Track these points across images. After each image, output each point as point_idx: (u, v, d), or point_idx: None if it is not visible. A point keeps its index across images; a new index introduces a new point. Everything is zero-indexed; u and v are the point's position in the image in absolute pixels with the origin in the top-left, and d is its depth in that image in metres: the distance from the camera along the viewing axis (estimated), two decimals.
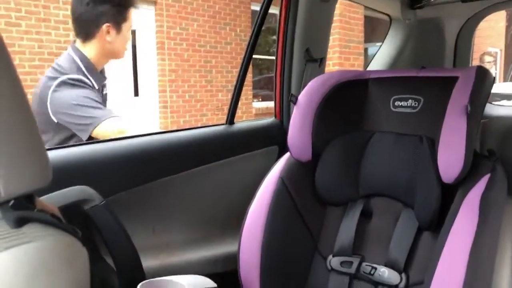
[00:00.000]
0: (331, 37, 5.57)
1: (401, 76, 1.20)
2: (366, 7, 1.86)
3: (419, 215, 1.05)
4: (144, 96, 6.40)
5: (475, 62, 7.46)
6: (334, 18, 6.21)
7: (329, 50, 5.14)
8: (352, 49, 6.78)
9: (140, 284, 0.99)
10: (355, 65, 6.70)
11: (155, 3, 6.36)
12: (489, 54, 7.62)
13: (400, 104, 1.16)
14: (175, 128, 5.66)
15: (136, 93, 6.35)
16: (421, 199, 1.04)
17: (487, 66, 6.96)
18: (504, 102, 4.83)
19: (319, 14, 1.36)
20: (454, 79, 1.05)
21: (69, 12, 1.42)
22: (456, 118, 0.94)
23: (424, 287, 0.93)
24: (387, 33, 1.76)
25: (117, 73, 5.95)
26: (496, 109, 1.71)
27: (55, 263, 0.43)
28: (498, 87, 5.33)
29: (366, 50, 7.52)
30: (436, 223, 1.01)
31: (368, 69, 1.73)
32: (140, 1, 6.06)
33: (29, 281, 0.41)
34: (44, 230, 0.45)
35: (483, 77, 1.01)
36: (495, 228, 0.93)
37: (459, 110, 0.94)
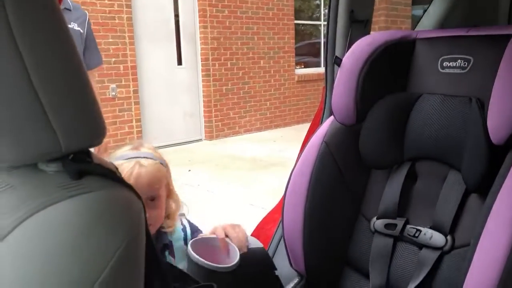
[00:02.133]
0: (377, 0, 5.37)
1: (450, 35, 1.15)
2: None
3: (467, 177, 1.03)
4: (187, 64, 6.46)
5: None
6: None
7: (375, 13, 5.00)
8: (399, 11, 6.53)
9: (191, 241, 1.03)
10: (402, 28, 6.47)
11: None
12: None
13: (448, 65, 1.12)
14: (218, 95, 5.68)
15: (180, 62, 6.41)
16: (469, 161, 1.02)
17: None
18: None
19: None
20: (507, 37, 1.00)
21: None
22: (508, 78, 0.91)
23: (469, 249, 0.92)
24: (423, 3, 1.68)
25: (159, 41, 6.02)
26: None
27: (113, 212, 0.46)
28: None
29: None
30: (485, 186, 0.99)
31: (418, 28, 1.67)
32: None
33: (89, 228, 0.44)
34: (101, 182, 0.48)
35: None
36: None
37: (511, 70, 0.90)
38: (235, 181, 4.42)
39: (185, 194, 1.28)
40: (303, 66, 8.14)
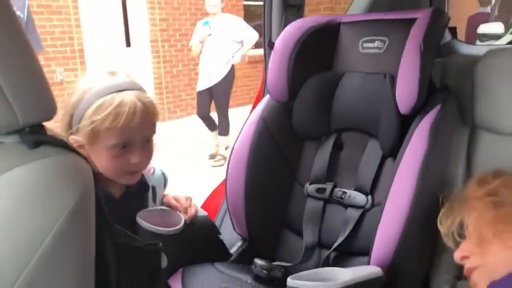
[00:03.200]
0: None
1: (369, 19, 1.30)
2: None
3: (382, 144, 1.19)
4: (136, 46, 6.40)
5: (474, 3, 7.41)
6: None
7: None
8: None
9: (139, 212, 1.13)
10: (346, 7, 6.64)
11: None
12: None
13: (367, 46, 1.26)
14: (169, 78, 5.64)
15: (128, 44, 6.34)
16: (383, 130, 1.17)
17: (482, 4, 6.94)
18: (491, 42, 4.88)
19: None
20: (414, 20, 1.15)
21: None
22: (411, 55, 1.06)
23: (382, 206, 1.08)
24: None
25: (106, 23, 5.93)
26: (467, 47, 1.81)
27: (66, 173, 0.56)
28: (488, 27, 5.31)
29: None
30: (397, 151, 1.14)
31: (348, 13, 1.80)
32: None
33: (46, 186, 0.54)
34: (56, 149, 0.58)
35: (437, 18, 1.11)
36: (443, 149, 1.07)
37: (414, 49, 1.05)
38: (190, 167, 4.50)
39: None
40: (254, 47, 8.23)
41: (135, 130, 0.97)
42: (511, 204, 0.83)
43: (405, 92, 1.07)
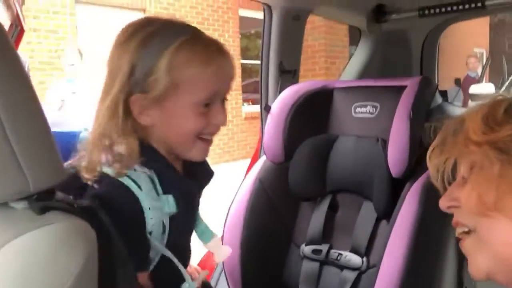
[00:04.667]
0: (316, 42, 5.72)
1: (361, 85, 1.36)
2: None
3: (376, 206, 1.21)
4: None
5: (463, 64, 7.70)
6: (318, 24, 6.40)
7: (314, 55, 5.32)
8: (337, 53, 6.97)
9: None
10: (341, 68, 6.88)
11: (143, 10, 6.50)
12: (474, 56, 7.92)
13: (360, 111, 1.32)
14: None
15: None
16: (377, 193, 1.20)
17: (473, 67, 7.24)
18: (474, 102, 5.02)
19: (291, 30, 1.52)
20: (403, 88, 1.21)
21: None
22: (401, 122, 1.11)
23: (377, 268, 1.09)
24: (358, 45, 1.92)
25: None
26: (458, 110, 1.89)
27: (71, 239, 0.59)
28: (479, 88, 5.49)
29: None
30: (390, 213, 1.17)
31: (341, 78, 1.89)
32: (129, 8, 6.21)
33: (53, 252, 0.56)
34: (62, 215, 0.60)
35: (425, 86, 1.18)
36: (435, 214, 1.09)
37: (403, 115, 1.11)
38: None
39: None
40: (251, 103, 8.40)
41: (224, 80, 0.82)
42: None
43: (396, 157, 1.11)
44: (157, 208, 0.79)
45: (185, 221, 0.89)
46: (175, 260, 0.82)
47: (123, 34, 0.79)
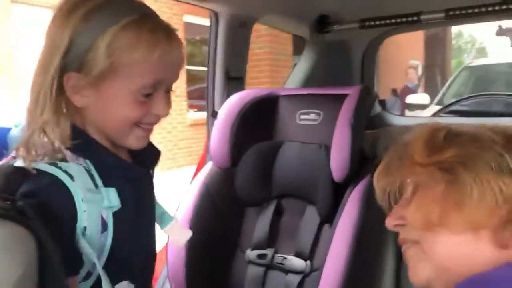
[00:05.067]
0: (261, 51, 5.78)
1: (305, 93, 1.40)
2: None
3: (319, 210, 1.25)
4: None
5: (402, 75, 8.07)
6: (264, 32, 6.48)
7: (259, 63, 5.38)
8: (282, 61, 7.09)
9: None
10: (285, 77, 6.99)
11: None
12: (412, 67, 8.37)
13: (304, 118, 1.36)
14: None
15: None
16: (320, 197, 1.24)
17: (411, 78, 7.64)
18: (418, 112, 5.29)
19: (237, 37, 1.54)
20: (345, 96, 1.26)
21: None
22: (343, 128, 1.15)
23: (320, 272, 1.12)
24: (302, 53, 1.97)
25: None
26: (397, 119, 1.98)
27: (9, 247, 0.56)
28: (415, 98, 5.76)
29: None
30: (333, 217, 1.21)
31: (286, 86, 1.93)
32: None
33: None
34: None
35: (365, 95, 1.23)
36: (375, 218, 1.14)
37: (345, 123, 1.15)
38: None
39: None
40: (196, 110, 8.35)
41: (170, 69, 0.76)
42: (465, 187, 0.62)
43: (338, 163, 1.15)
44: (93, 201, 0.71)
45: (138, 213, 0.81)
46: (101, 272, 0.72)
47: (65, 5, 0.72)
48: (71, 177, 0.70)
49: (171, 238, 0.99)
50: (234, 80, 1.59)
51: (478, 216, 0.62)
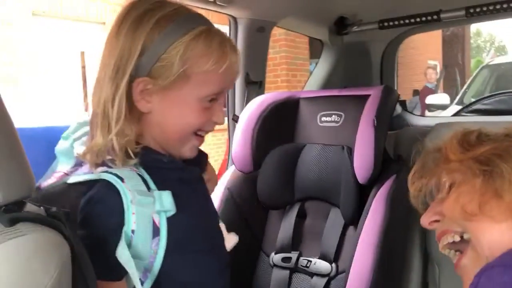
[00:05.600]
0: (278, 55, 5.77)
1: (326, 95, 1.40)
2: None
3: (344, 213, 1.24)
4: None
5: (421, 75, 7.97)
6: (280, 37, 6.49)
7: (277, 68, 5.38)
8: (298, 66, 7.07)
9: None
10: (302, 81, 6.99)
11: (103, 23, 6.42)
12: (431, 67, 8.28)
13: (325, 120, 1.35)
14: None
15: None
16: (344, 199, 1.23)
17: (431, 78, 7.54)
18: (438, 112, 5.22)
19: (256, 42, 1.54)
20: (367, 97, 1.25)
21: None
22: (365, 129, 1.15)
23: (346, 274, 1.12)
24: (320, 56, 1.97)
25: (65, 95, 5.94)
26: (417, 119, 1.96)
27: (43, 252, 0.57)
28: (435, 98, 5.69)
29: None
30: (358, 219, 1.20)
31: (305, 89, 1.93)
32: (89, 21, 6.11)
33: (25, 264, 0.55)
34: (33, 226, 0.59)
35: (388, 95, 1.22)
36: (401, 219, 1.13)
37: (368, 123, 1.14)
38: None
39: None
40: None
41: (232, 78, 0.80)
42: (503, 176, 0.66)
43: (362, 164, 1.14)
44: (143, 204, 0.70)
45: (197, 213, 0.79)
46: (135, 281, 0.69)
47: (135, 13, 0.73)
48: (121, 179, 0.70)
49: None
50: (254, 85, 1.59)
51: None
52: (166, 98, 0.73)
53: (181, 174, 0.79)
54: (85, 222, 0.71)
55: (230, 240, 0.95)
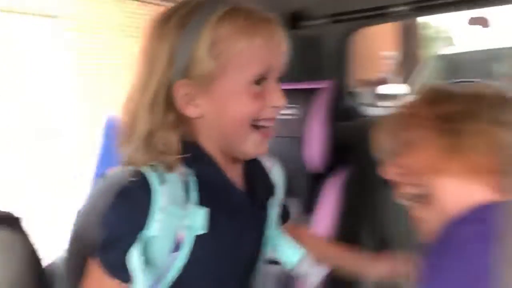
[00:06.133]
0: None
1: (282, 88, 1.43)
2: None
3: (299, 203, 1.29)
4: None
5: (376, 66, 8.17)
6: None
7: None
8: None
9: None
10: None
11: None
12: (385, 58, 8.49)
13: (282, 112, 1.39)
14: None
15: None
16: (298, 190, 1.28)
17: (386, 69, 7.74)
18: (383, 102, 5.34)
19: None
20: (318, 90, 1.30)
21: None
22: (314, 122, 1.19)
23: None
24: None
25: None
26: (371, 109, 2.04)
27: (2, 249, 0.58)
28: (386, 89, 5.83)
29: None
30: (312, 208, 1.25)
31: None
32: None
33: None
34: None
35: (338, 88, 1.27)
36: (354, 206, 1.19)
37: (317, 116, 1.19)
38: None
39: None
40: None
41: (275, 53, 0.71)
42: (465, 135, 0.68)
43: (311, 153, 1.19)
44: (172, 214, 0.64)
45: (232, 245, 0.72)
46: (139, 282, 0.64)
47: (158, 21, 0.70)
48: (162, 181, 0.65)
49: (302, 277, 0.86)
50: None
51: (477, 162, 0.67)
52: (212, 96, 0.67)
53: (230, 196, 0.72)
54: (108, 213, 0.67)
55: (317, 273, 0.86)
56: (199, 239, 0.67)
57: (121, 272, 0.65)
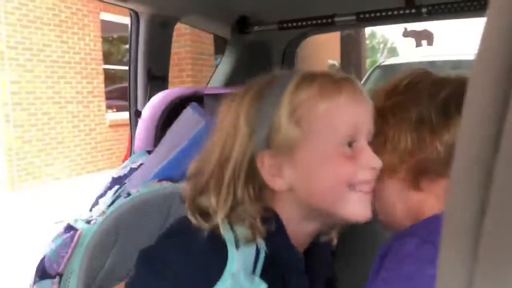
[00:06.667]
0: (183, 49, 5.75)
1: (229, 92, 1.43)
2: None
3: None
4: None
5: None
6: (185, 31, 6.45)
7: (182, 62, 5.36)
8: (204, 61, 7.08)
9: None
10: (208, 76, 7.00)
11: None
12: (331, 66, 8.74)
13: None
14: (20, 142, 5.25)
15: None
16: None
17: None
18: None
19: (159, 37, 1.53)
20: None
21: None
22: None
23: None
24: (224, 53, 2.01)
25: None
26: None
27: None
28: None
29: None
30: None
31: (209, 85, 1.95)
32: None
33: None
34: None
35: None
36: None
37: None
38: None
39: None
40: (115, 110, 8.08)
41: (361, 111, 0.66)
42: (388, 132, 0.69)
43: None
44: (240, 283, 0.61)
45: None
46: None
47: (234, 96, 0.70)
48: (237, 246, 0.62)
49: None
50: (157, 79, 1.59)
51: (393, 160, 0.68)
52: (299, 165, 0.64)
53: (294, 276, 0.69)
54: (176, 264, 0.64)
55: None
56: None
57: None
